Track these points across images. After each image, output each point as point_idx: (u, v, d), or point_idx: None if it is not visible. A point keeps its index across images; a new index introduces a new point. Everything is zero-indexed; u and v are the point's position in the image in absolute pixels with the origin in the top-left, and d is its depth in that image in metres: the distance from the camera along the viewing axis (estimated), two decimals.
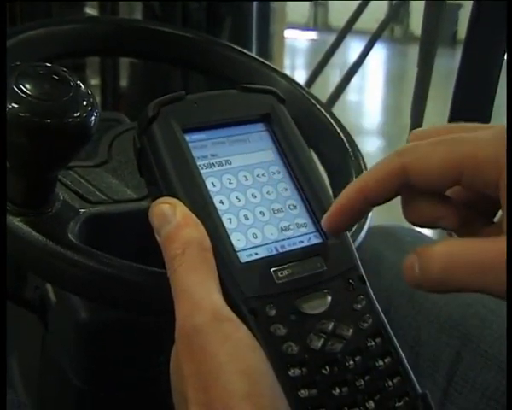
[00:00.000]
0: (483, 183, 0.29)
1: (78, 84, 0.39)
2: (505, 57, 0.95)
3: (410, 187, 0.30)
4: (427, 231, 0.65)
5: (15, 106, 0.36)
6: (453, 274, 0.28)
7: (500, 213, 0.30)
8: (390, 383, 0.30)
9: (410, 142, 0.31)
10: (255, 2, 1.64)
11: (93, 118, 0.39)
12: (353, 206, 0.31)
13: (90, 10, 1.83)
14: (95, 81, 1.84)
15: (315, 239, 0.34)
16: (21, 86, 0.37)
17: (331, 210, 0.32)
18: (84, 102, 0.38)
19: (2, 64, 0.38)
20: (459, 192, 0.32)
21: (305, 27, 6.44)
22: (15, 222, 0.39)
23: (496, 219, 0.32)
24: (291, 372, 0.29)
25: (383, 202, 0.32)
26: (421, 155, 0.30)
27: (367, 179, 0.31)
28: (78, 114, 0.38)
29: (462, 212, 0.31)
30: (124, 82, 1.82)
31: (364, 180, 0.31)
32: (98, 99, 1.69)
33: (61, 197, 0.44)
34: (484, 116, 0.93)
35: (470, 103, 0.96)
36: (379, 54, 5.06)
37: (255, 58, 0.58)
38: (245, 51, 0.58)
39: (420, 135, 0.32)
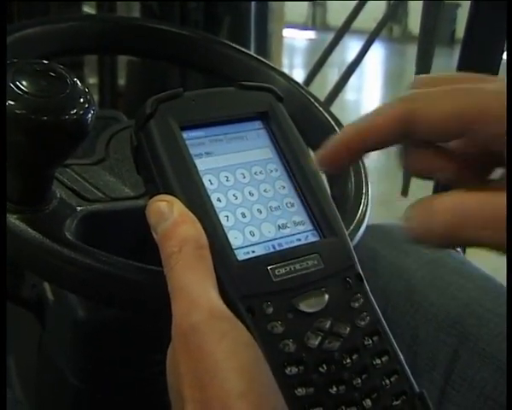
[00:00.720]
0: (489, 136, 0.28)
1: (74, 82, 0.39)
2: (504, 57, 0.95)
3: (411, 135, 0.29)
4: None
5: (12, 103, 0.36)
6: (460, 229, 0.26)
7: (499, 170, 0.29)
8: (387, 381, 0.30)
9: (414, 88, 0.30)
10: (253, 2, 1.64)
11: (90, 115, 0.39)
12: (350, 146, 0.30)
13: (88, 9, 1.83)
14: (93, 80, 1.83)
15: (312, 237, 0.34)
16: (18, 83, 0.37)
17: (328, 147, 0.31)
18: (81, 100, 0.38)
19: (2, 64, 0.37)
20: (459, 146, 0.31)
21: (304, 27, 6.44)
22: (12, 220, 0.39)
23: (497, 176, 0.31)
24: (288, 371, 0.28)
25: (381, 148, 0.30)
26: (427, 103, 0.28)
27: (368, 122, 0.30)
28: (75, 111, 0.38)
29: (460, 166, 0.30)
30: (122, 80, 1.82)
31: (365, 123, 0.30)
32: (96, 97, 1.70)
33: (58, 195, 0.44)
34: None
35: None
36: (377, 53, 5.06)
37: (253, 56, 0.58)
38: (243, 49, 0.58)
39: (424, 82, 0.31)
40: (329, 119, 0.53)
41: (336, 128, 0.53)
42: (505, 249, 0.26)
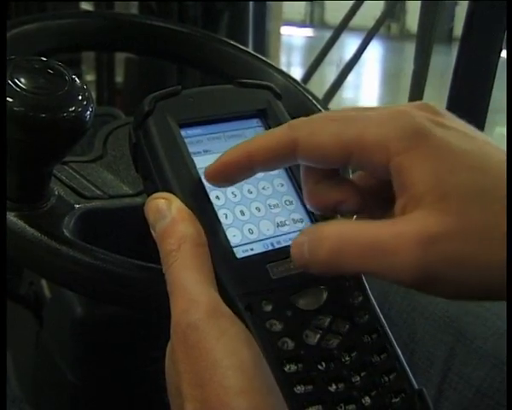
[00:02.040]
0: (371, 166, 0.28)
1: (73, 79, 0.39)
2: (501, 55, 0.95)
3: (296, 160, 0.30)
4: None
5: (10, 100, 0.36)
6: (342, 257, 0.27)
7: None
8: (386, 379, 0.30)
9: (305, 117, 0.31)
10: (251, 0, 1.64)
11: (88, 112, 0.39)
12: (237, 167, 0.31)
13: (86, 7, 1.82)
14: (90, 77, 1.83)
15: None
16: (16, 80, 0.37)
17: (215, 163, 0.31)
18: (79, 97, 0.38)
19: (2, 63, 0.37)
20: (361, 176, 0.32)
21: (302, 24, 6.43)
22: (10, 217, 0.39)
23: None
24: (287, 368, 0.28)
25: (272, 170, 0.32)
26: (311, 131, 0.29)
27: (255, 146, 0.30)
28: (73, 108, 0.38)
29: (363, 196, 0.31)
30: (119, 78, 1.81)
31: (252, 146, 0.30)
32: (94, 95, 1.69)
33: (56, 192, 0.44)
34: (480, 113, 0.93)
35: (466, 100, 0.96)
36: (375, 51, 5.06)
37: (251, 53, 0.58)
38: (241, 47, 0.58)
39: (320, 114, 0.31)
40: None
41: None
42: (387, 278, 0.27)
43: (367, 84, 4.52)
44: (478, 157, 0.27)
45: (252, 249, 0.32)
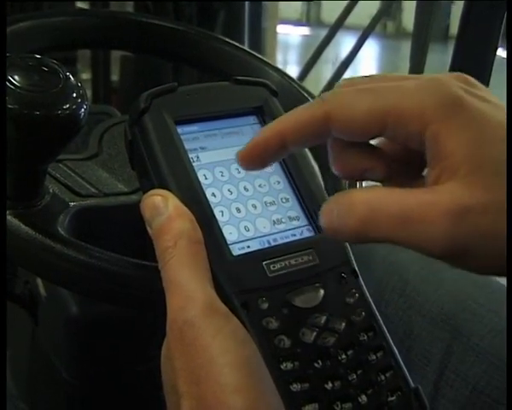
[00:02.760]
0: (406, 135, 0.28)
1: (67, 76, 0.38)
2: (498, 53, 0.95)
3: (330, 134, 0.29)
4: None
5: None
6: (372, 225, 0.26)
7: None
8: (382, 377, 0.30)
9: (337, 89, 0.30)
10: None
11: (83, 110, 0.38)
12: (269, 146, 0.30)
13: (82, 5, 1.82)
14: (86, 75, 1.83)
15: (307, 233, 0.34)
16: (10, 78, 0.37)
17: (247, 146, 0.30)
18: (74, 94, 0.38)
19: (2, 62, 0.37)
20: (388, 144, 0.31)
21: (298, 23, 6.43)
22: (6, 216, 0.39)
23: (424, 173, 0.30)
24: (283, 366, 0.28)
25: (305, 147, 0.31)
26: (344, 103, 0.28)
27: (287, 122, 0.29)
28: (68, 105, 0.37)
29: (390, 164, 0.30)
30: (115, 76, 1.81)
31: (284, 123, 0.30)
32: (89, 93, 1.69)
33: (51, 190, 0.44)
34: None
35: None
36: (371, 49, 5.07)
37: (247, 51, 0.58)
38: (237, 44, 0.58)
39: (347, 83, 0.31)
40: None
41: None
42: (416, 248, 0.26)
43: None
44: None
45: (248, 247, 0.32)
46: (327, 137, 0.30)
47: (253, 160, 0.30)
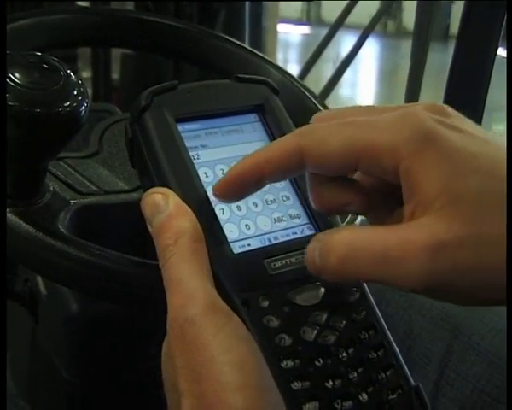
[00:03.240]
0: (381, 170, 0.28)
1: (68, 74, 0.38)
2: (498, 53, 0.95)
3: (305, 169, 0.29)
4: None
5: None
6: (351, 265, 0.27)
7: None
8: (383, 375, 0.30)
9: (313, 123, 0.30)
10: None
11: (83, 107, 0.38)
12: (247, 179, 0.30)
13: (82, 4, 1.81)
14: (86, 73, 1.83)
15: (308, 231, 0.33)
16: (11, 75, 0.36)
17: (224, 178, 0.30)
18: (75, 92, 0.38)
19: (2, 62, 0.37)
20: (365, 177, 0.31)
21: (298, 22, 6.42)
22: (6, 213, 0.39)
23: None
24: (284, 364, 0.28)
25: (282, 179, 0.31)
26: (318, 138, 0.29)
27: (263, 156, 0.30)
28: (68, 103, 0.37)
29: (369, 197, 0.30)
30: (116, 74, 1.81)
31: (260, 156, 0.30)
32: (90, 91, 1.69)
33: (52, 188, 0.44)
34: (477, 111, 0.94)
35: (463, 98, 0.96)
36: (372, 48, 5.06)
37: (248, 49, 0.58)
38: (238, 43, 0.58)
39: (323, 117, 0.31)
40: None
41: None
42: (395, 285, 0.26)
43: (363, 82, 4.52)
44: (487, 160, 0.27)
45: (249, 245, 0.32)
46: (303, 171, 0.30)
47: (228, 192, 0.31)
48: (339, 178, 0.30)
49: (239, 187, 0.30)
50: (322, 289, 0.31)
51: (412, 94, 1.43)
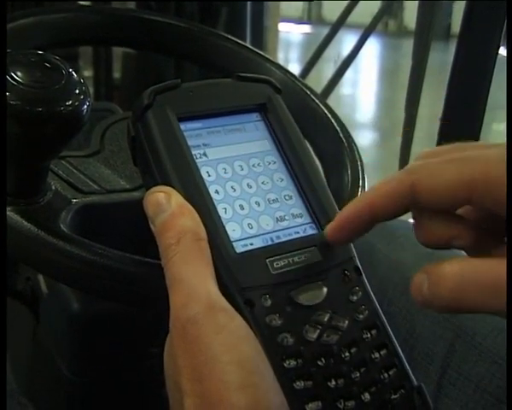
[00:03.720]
0: (494, 202, 0.28)
1: (70, 73, 0.38)
2: (499, 52, 0.95)
3: (420, 206, 0.30)
4: None
5: (6, 94, 0.36)
6: (465, 295, 0.27)
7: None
8: (386, 375, 0.30)
9: (420, 160, 0.31)
10: None
11: (85, 106, 0.38)
12: (359, 219, 0.31)
13: (83, 2, 1.81)
14: (88, 72, 1.82)
15: (310, 230, 0.33)
16: (13, 74, 0.36)
17: (336, 220, 0.31)
18: (77, 91, 0.38)
19: (2, 62, 0.37)
20: (470, 211, 0.32)
21: (300, 21, 6.42)
22: (7, 212, 0.39)
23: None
24: (286, 364, 0.28)
25: (392, 218, 0.31)
26: (431, 173, 0.29)
27: (375, 195, 0.30)
28: (70, 102, 0.37)
29: (474, 231, 0.31)
30: (117, 74, 1.81)
31: (373, 195, 0.30)
32: (91, 90, 1.69)
33: (53, 187, 0.44)
34: (478, 110, 0.93)
35: (464, 97, 0.96)
36: (373, 47, 5.06)
37: (250, 48, 0.58)
38: (239, 41, 0.58)
39: (430, 154, 0.31)
40: (326, 111, 0.53)
41: (332, 120, 0.52)
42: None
43: (365, 81, 4.52)
44: None
45: (251, 244, 0.32)
46: (412, 208, 0.31)
47: (342, 234, 0.31)
48: (445, 213, 0.31)
49: (352, 228, 0.31)
50: (325, 289, 0.31)
51: (413, 93, 1.43)
